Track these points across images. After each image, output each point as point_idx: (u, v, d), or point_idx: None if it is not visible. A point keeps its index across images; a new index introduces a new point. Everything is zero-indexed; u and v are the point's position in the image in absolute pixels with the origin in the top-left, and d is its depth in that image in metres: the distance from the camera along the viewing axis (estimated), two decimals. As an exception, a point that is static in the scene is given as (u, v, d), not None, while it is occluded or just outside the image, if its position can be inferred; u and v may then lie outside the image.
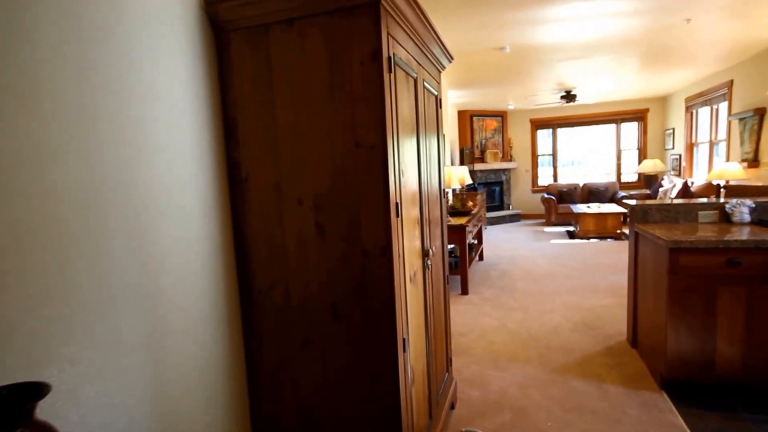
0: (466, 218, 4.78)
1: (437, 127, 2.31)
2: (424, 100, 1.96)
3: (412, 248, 1.69)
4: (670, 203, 2.85)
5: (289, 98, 1.44)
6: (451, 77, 6.12)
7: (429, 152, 2.08)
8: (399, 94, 1.53)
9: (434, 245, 2.12)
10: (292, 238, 1.49)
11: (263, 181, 1.50)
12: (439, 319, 2.21)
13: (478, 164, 8.95)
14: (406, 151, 1.64)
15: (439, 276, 2.24)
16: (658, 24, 4.14)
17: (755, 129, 5.57)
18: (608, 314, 3.70)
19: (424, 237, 1.90)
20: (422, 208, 1.88)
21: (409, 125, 1.70)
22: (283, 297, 1.53)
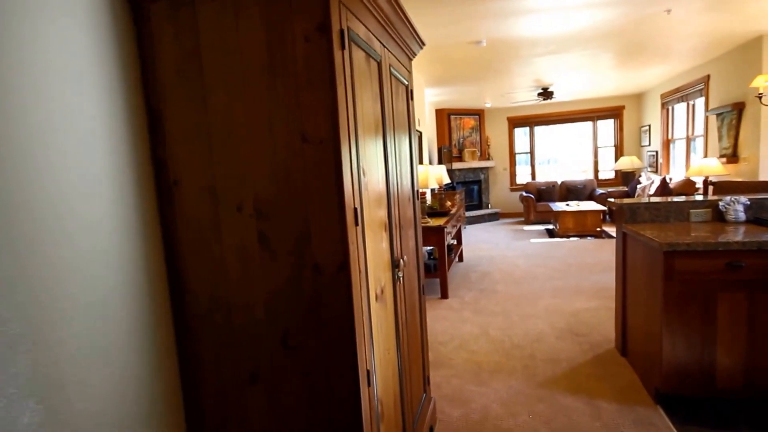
0: (445, 219, 4.56)
1: (409, 121, 2.06)
2: (391, 88, 1.71)
3: (378, 260, 1.43)
4: (661, 202, 2.68)
5: (222, 85, 1.16)
6: (427, 75, 5.91)
7: (399, 149, 1.83)
8: (357, 77, 1.27)
9: (406, 254, 1.87)
10: (233, 252, 1.22)
11: (196, 185, 1.22)
12: (415, 336, 1.96)
13: (457, 163, 8.78)
14: (368, 147, 1.38)
15: (413, 288, 1.99)
16: (638, 14, 4.00)
17: (733, 124, 5.54)
18: (594, 319, 3.54)
19: (394, 245, 1.65)
20: (391, 212, 1.63)
21: (373, 116, 1.45)
22: (225, 323, 1.26)
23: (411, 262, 1.98)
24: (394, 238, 1.67)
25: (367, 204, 1.34)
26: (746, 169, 5.41)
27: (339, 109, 1.11)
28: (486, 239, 7.26)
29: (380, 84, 1.55)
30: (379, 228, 1.47)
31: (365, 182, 1.32)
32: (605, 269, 4.96)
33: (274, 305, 1.21)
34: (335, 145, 1.12)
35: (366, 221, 1.31)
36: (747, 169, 5.39)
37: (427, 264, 4.49)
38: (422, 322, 2.14)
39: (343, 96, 1.15)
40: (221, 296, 1.24)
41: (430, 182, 4.18)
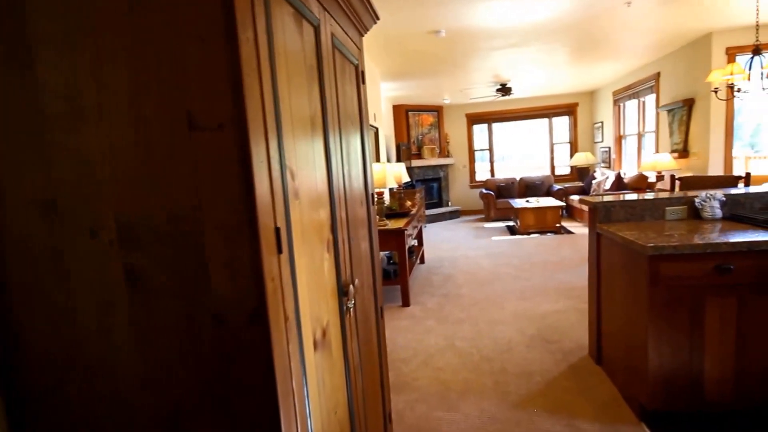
0: (405, 220, 4.24)
1: (360, 109, 1.69)
2: (334, 66, 1.33)
3: (317, 291, 1.07)
4: (636, 200, 2.48)
5: (56, 39, 0.75)
6: (383, 67, 5.57)
7: (347, 143, 1.46)
8: (280, 39, 0.89)
9: (359, 273, 1.51)
10: (87, 297, 0.80)
11: (24, 199, 0.79)
12: (372, 375, 1.61)
13: (416, 161, 8.51)
14: (300, 139, 1.01)
15: (368, 314, 1.64)
16: (600, 6, 3.84)
17: (684, 120, 5.59)
18: (564, 322, 3.33)
19: (341, 267, 1.28)
20: (336, 225, 1.26)
21: (307, 98, 1.07)
22: (80, 405, 0.84)
23: (365, 282, 1.62)
24: (342, 258, 1.30)
25: (298, 218, 0.96)
26: (696, 163, 5.48)
27: (245, 78, 0.73)
28: (448, 238, 7.04)
29: (318, 56, 1.17)
30: (318, 248, 1.10)
31: (294, 188, 0.95)
32: (568, 267, 4.84)
33: (156, 375, 0.81)
34: (241, 132, 0.74)
35: (297, 243, 0.94)
36: (697, 164, 5.46)
37: (386, 270, 4.16)
38: (381, 353, 1.78)
39: (253, 58, 0.76)
40: (75, 361, 0.83)
41: (388, 181, 3.84)
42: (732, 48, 4.85)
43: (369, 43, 4.52)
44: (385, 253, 5.00)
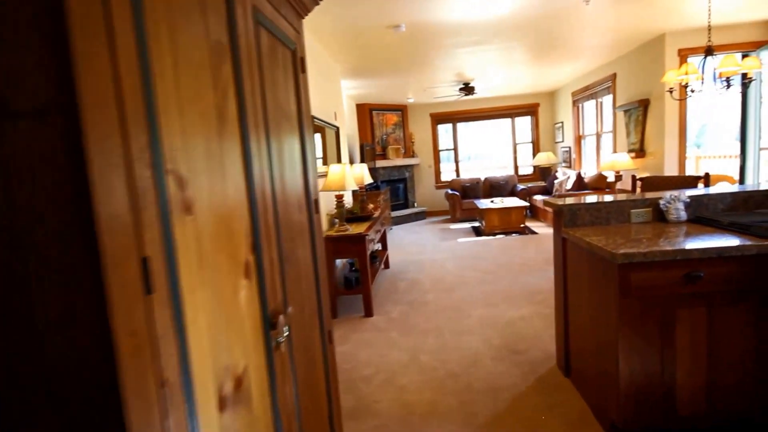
0: (367, 224, 4.03)
1: (299, 102, 1.46)
2: (258, 45, 1.10)
3: (225, 334, 0.83)
4: (601, 202, 2.36)
5: None
6: (344, 64, 5.34)
7: (278, 142, 1.23)
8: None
9: (296, 297, 1.27)
10: None
11: None
12: (317, 415, 1.37)
13: (380, 161, 8.32)
14: (196, 135, 0.77)
15: (311, 342, 1.41)
16: (559, 3, 3.77)
17: (640, 120, 5.67)
18: (530, 330, 3.21)
19: (268, 293, 1.05)
20: (260, 241, 1.02)
21: (210, 79, 0.83)
22: None
23: (307, 305, 1.39)
24: (270, 282, 1.07)
25: (192, 241, 0.72)
26: (653, 163, 5.56)
27: (78, 42, 0.49)
28: (414, 241, 6.88)
29: (231, 32, 0.94)
30: (229, 275, 0.86)
31: (184, 200, 0.71)
32: (533, 269, 4.77)
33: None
34: (71, 121, 0.50)
35: (189, 273, 0.70)
36: (653, 163, 5.54)
37: (348, 278, 3.93)
38: (330, 386, 1.55)
39: (98, 14, 0.52)
40: None
41: (348, 184, 3.62)
42: (684, 50, 4.94)
43: (328, 38, 4.28)
44: (348, 260, 4.77)
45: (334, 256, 3.66)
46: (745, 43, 4.78)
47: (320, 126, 4.34)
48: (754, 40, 4.81)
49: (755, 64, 3.52)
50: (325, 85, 4.62)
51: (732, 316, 1.82)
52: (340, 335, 3.40)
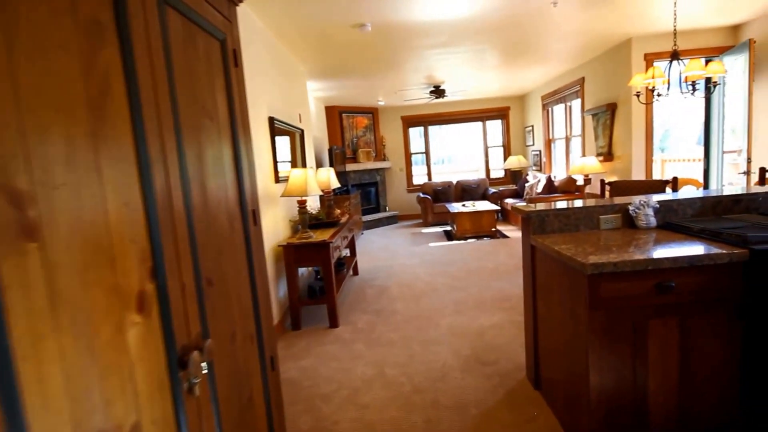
0: (332, 231, 3.85)
1: (230, 100, 1.28)
2: (163, 26, 0.92)
3: (97, 389, 0.65)
4: (570, 208, 2.27)
5: None
6: (310, 65, 5.15)
7: (197, 145, 1.05)
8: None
9: (225, 324, 1.10)
10: None
11: None
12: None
13: (351, 164, 8.15)
14: (49, 133, 0.59)
15: (246, 376, 1.23)
16: (527, 6, 3.71)
17: (608, 124, 5.70)
18: (500, 339, 3.10)
19: (175, 327, 0.87)
20: (161, 266, 0.85)
21: (76, 61, 0.66)
22: None
23: (240, 332, 1.21)
24: (181, 312, 0.89)
25: (39, 278, 0.54)
26: (621, 166, 5.60)
27: None
28: (384, 246, 6.73)
29: (117, 6, 0.76)
30: (109, 313, 0.68)
31: (25, 223, 0.53)
32: (504, 274, 4.69)
33: None
34: None
35: (42, 317, 0.52)
36: (621, 167, 5.58)
37: (312, 287, 3.74)
38: (273, 426, 1.37)
39: None
40: None
41: (310, 189, 3.43)
42: (650, 54, 4.98)
43: (291, 38, 4.09)
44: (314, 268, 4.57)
45: (296, 265, 3.47)
46: (709, 48, 4.86)
47: (286, 129, 4.14)
48: (718, 46, 4.90)
49: (719, 69, 3.54)
50: (288, 86, 4.42)
51: (704, 326, 1.74)
52: (301, 348, 3.21)
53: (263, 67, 3.58)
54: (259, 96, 3.42)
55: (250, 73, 3.23)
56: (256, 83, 3.33)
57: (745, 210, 2.28)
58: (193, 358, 0.91)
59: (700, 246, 1.79)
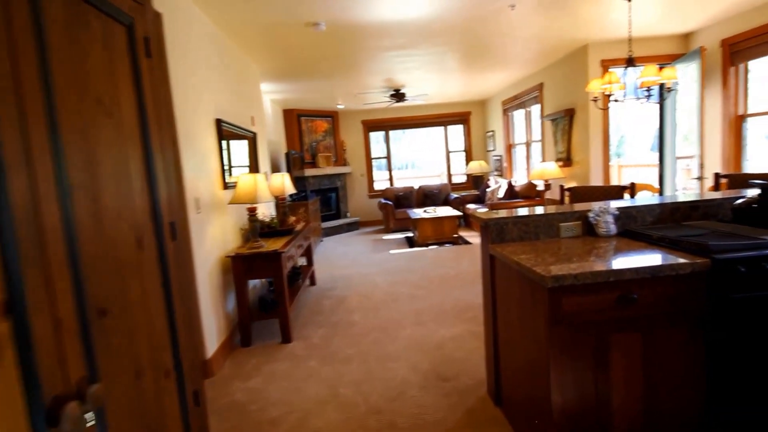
0: (286, 239, 3.63)
1: (140, 98, 1.08)
2: (41, 7, 0.72)
3: None
4: (529, 215, 2.19)
5: None
6: (264, 65, 4.91)
7: (85, 149, 0.85)
8: None
9: (128, 360, 0.89)
10: None
11: None
12: None
13: (310, 170, 7.91)
14: None
15: (156, 417, 1.02)
16: (484, 9, 3.66)
17: (566, 129, 5.80)
18: (460, 351, 3.00)
19: (42, 373, 0.67)
20: (23, 298, 0.64)
21: None
22: None
23: (151, 366, 1.00)
24: (55, 354, 0.69)
25: None
26: (580, 171, 5.70)
27: None
28: (344, 253, 6.54)
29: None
30: None
31: None
32: (465, 282, 4.62)
33: None
34: None
35: None
36: (580, 172, 5.68)
37: (264, 299, 3.50)
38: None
39: None
40: None
41: (261, 195, 3.20)
42: (606, 60, 5.09)
43: (241, 36, 3.86)
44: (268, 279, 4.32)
45: (246, 277, 3.23)
46: (662, 56, 5.02)
47: (237, 132, 3.89)
48: (671, 53, 5.07)
49: (673, 75, 3.62)
50: (239, 87, 4.17)
51: (668, 339, 1.69)
52: (251, 367, 2.97)
53: (209, 65, 3.34)
54: (204, 96, 3.17)
55: (193, 71, 2.98)
56: (199, 82, 3.08)
57: (703, 216, 2.28)
58: (69, 411, 0.70)
59: (662, 255, 1.74)
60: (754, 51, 4.25)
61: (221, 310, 3.18)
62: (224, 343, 3.12)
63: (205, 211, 2.95)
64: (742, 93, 4.52)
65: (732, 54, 4.47)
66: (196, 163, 2.86)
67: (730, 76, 4.53)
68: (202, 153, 2.98)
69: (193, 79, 2.99)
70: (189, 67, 2.92)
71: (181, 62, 2.79)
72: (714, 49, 4.64)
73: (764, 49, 4.14)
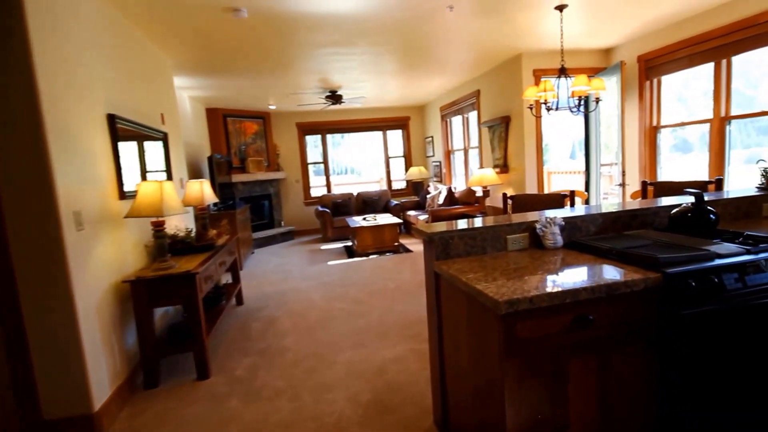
0: (203, 257, 3.17)
1: None
2: None
3: None
4: (476, 228, 1.97)
5: None
6: (178, 55, 4.36)
7: None
8: None
9: None
10: None
11: None
12: None
13: (239, 175, 7.33)
14: None
15: None
16: (422, 7, 3.47)
17: (503, 136, 5.81)
18: (404, 375, 2.73)
19: None
20: None
21: None
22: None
23: None
24: None
25: None
26: (516, 178, 5.73)
27: None
28: (277, 266, 6.07)
29: None
30: None
31: None
32: (407, 294, 4.39)
33: None
34: None
35: None
36: (517, 179, 5.70)
37: (176, 328, 3.01)
38: None
39: None
40: None
41: (168, 206, 2.71)
42: (538, 70, 5.15)
43: (146, 19, 3.34)
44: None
45: (150, 305, 2.73)
46: (587, 68, 5.16)
47: (142, 132, 3.35)
48: (595, 66, 5.24)
49: (601, 85, 3.66)
50: (145, 80, 3.64)
51: (623, 360, 1.53)
52: (155, 415, 2.49)
53: (103, 51, 2.81)
54: (95, 87, 2.65)
55: (79, 58, 2.46)
56: (88, 70, 2.57)
57: (641, 225, 2.22)
58: None
59: (614, 270, 1.59)
60: (666, 67, 4.48)
61: (117, 348, 2.65)
62: (121, 387, 2.59)
63: (92, 228, 2.43)
64: (656, 106, 4.76)
65: (647, 69, 4.69)
66: (78, 168, 2.33)
67: (646, 90, 4.75)
68: (87, 155, 2.45)
69: (80, 67, 2.47)
70: (73, 52, 2.40)
71: (63, 46, 2.28)
72: (632, 64, 4.84)
73: (675, 65, 4.38)
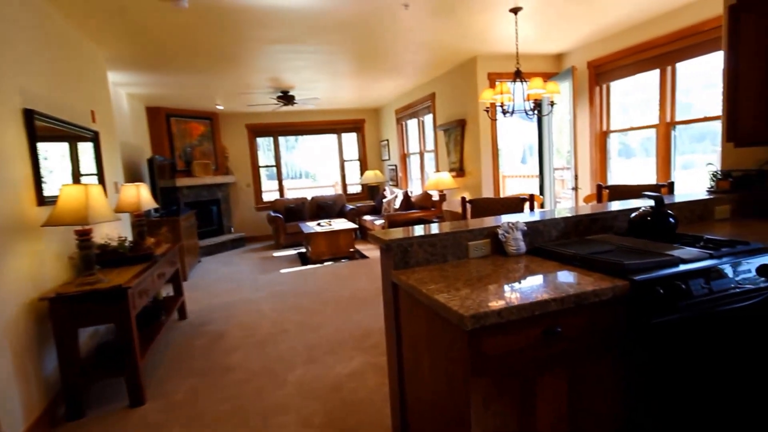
0: (138, 268, 2.85)
1: None
2: None
3: None
4: (436, 235, 1.85)
5: None
6: (111, 48, 3.97)
7: None
8: None
9: None
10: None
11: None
12: None
13: (184, 179, 6.88)
14: None
15: None
16: (374, 5, 3.35)
17: (459, 140, 5.81)
18: (361, 392, 2.56)
19: None
20: None
21: None
22: None
23: None
24: None
25: None
26: (472, 182, 5.74)
27: None
28: (226, 275, 5.72)
29: None
30: None
31: None
32: (364, 303, 4.24)
33: None
34: None
35: None
36: (473, 182, 5.72)
37: (105, 348, 2.68)
38: None
39: None
40: None
41: (95, 213, 2.39)
42: (493, 74, 5.18)
43: (78, 9, 2.98)
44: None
45: (74, 325, 2.40)
46: (540, 73, 5.24)
47: (67, 130, 2.98)
48: (547, 71, 5.34)
49: (556, 89, 3.69)
50: (71, 73, 3.26)
51: (593, 373, 1.46)
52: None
53: (19, 38, 2.46)
54: (6, 78, 2.30)
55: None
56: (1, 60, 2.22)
57: (602, 229, 2.20)
58: None
59: (581, 278, 1.52)
60: (615, 73, 4.65)
61: (34, 374, 2.30)
62: (39, 420, 2.25)
63: (9, 236, 2.09)
64: (605, 111, 4.92)
65: (597, 75, 4.84)
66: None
67: (596, 95, 4.90)
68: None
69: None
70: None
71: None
72: (583, 70, 4.99)
73: (623, 71, 4.54)
